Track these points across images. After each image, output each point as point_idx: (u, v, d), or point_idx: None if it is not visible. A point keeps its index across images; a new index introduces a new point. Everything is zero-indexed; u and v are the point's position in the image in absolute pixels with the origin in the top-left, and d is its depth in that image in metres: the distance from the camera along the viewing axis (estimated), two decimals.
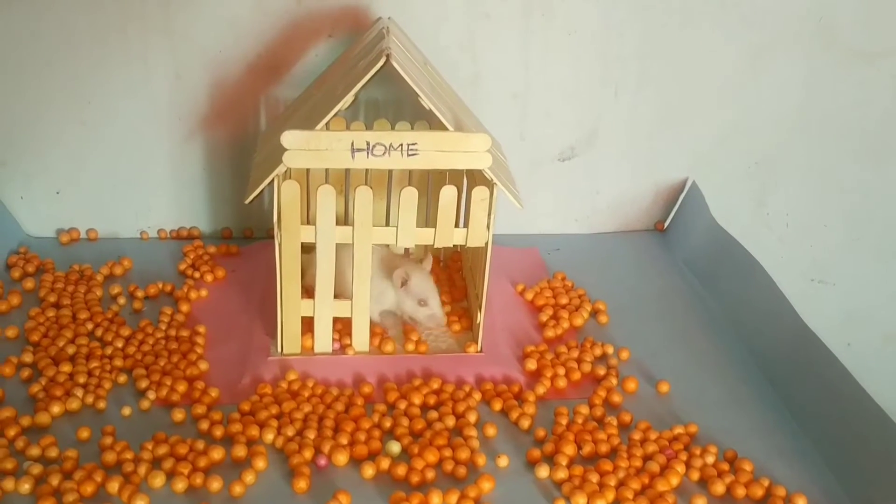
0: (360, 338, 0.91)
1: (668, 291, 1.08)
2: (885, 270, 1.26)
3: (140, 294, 1.01)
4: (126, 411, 0.85)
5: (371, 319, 0.91)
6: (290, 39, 1.06)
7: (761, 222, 1.22)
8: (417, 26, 1.03)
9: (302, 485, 0.77)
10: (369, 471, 0.78)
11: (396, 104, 1.06)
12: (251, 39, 1.06)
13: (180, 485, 0.76)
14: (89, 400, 0.85)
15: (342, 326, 0.92)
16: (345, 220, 1.01)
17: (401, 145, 0.81)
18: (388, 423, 0.84)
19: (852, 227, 1.24)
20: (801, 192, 1.21)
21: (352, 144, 0.81)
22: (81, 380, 0.87)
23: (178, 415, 0.84)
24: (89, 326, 0.95)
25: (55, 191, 1.11)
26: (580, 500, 0.76)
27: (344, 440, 0.81)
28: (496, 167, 0.85)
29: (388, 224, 0.99)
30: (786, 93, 1.15)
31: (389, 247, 0.95)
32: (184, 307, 0.99)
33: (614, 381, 0.91)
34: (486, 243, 0.87)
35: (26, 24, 1.03)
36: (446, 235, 0.87)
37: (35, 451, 0.79)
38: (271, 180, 0.83)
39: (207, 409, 0.85)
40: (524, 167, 1.12)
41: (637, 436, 0.84)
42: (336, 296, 0.89)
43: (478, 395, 0.88)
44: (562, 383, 0.91)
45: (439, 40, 1.07)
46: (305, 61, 1.07)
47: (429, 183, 1.03)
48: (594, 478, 0.78)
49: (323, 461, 0.79)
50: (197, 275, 1.05)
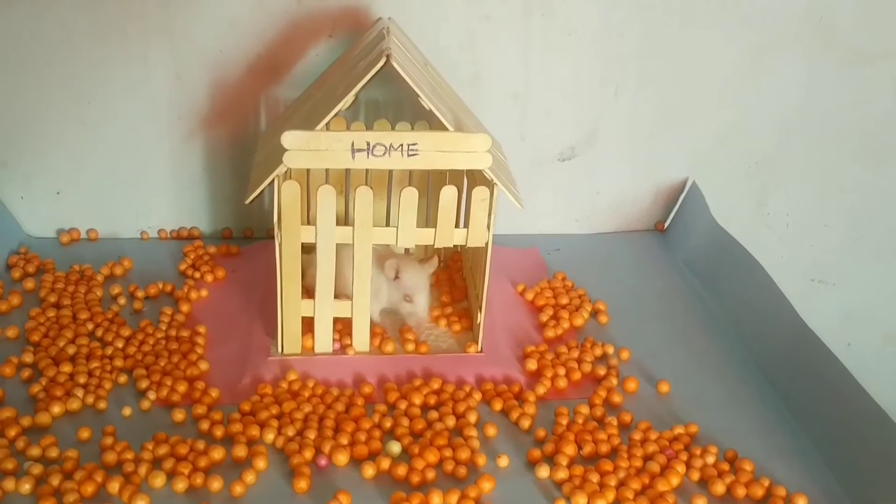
0: (361, 338, 0.91)
1: (668, 291, 1.08)
2: (885, 270, 1.26)
3: (140, 294, 1.01)
4: (126, 411, 0.85)
5: (371, 319, 0.92)
6: (291, 39, 1.06)
7: (761, 222, 1.22)
8: (417, 26, 1.03)
9: (302, 485, 0.77)
10: (370, 471, 0.79)
11: (397, 104, 1.06)
12: (251, 39, 1.06)
13: (181, 485, 0.76)
14: (90, 400, 0.85)
15: (342, 326, 0.92)
16: (345, 220, 1.01)
17: (401, 145, 0.81)
18: (388, 424, 0.84)
19: (852, 227, 1.24)
20: (801, 192, 1.21)
21: (352, 145, 0.81)
22: (82, 380, 0.87)
23: (179, 415, 0.84)
24: (90, 326, 0.95)
25: (55, 191, 1.11)
26: (580, 500, 0.76)
27: (344, 440, 0.81)
28: (496, 167, 0.84)
29: (388, 224, 0.99)
30: (786, 93, 1.15)
31: (390, 247, 0.95)
32: (184, 307, 0.99)
33: (614, 381, 0.91)
34: (487, 243, 0.87)
35: (26, 24, 1.03)
36: (446, 235, 0.87)
37: (35, 452, 0.79)
38: (271, 180, 0.83)
39: (208, 410, 0.85)
40: (524, 167, 1.12)
41: (637, 436, 0.84)
42: (336, 296, 0.89)
43: (478, 396, 0.88)
44: (562, 383, 0.91)
45: (439, 40, 1.07)
46: (305, 61, 1.07)
47: (429, 183, 1.03)
48: (594, 478, 0.78)
49: (323, 461, 0.79)
50: (197, 275, 1.05)
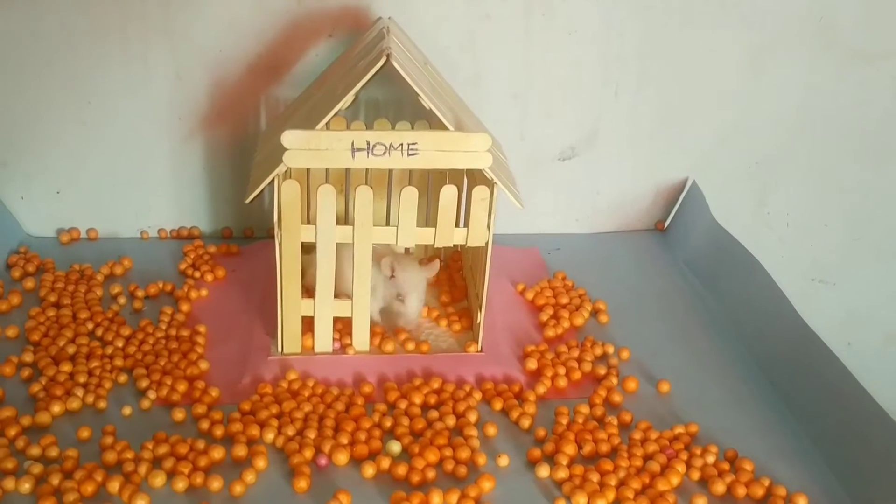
0: (361, 337, 0.91)
1: (668, 291, 1.08)
2: (885, 270, 1.26)
3: (140, 294, 1.01)
4: (126, 411, 0.84)
5: (371, 319, 0.92)
6: (291, 39, 1.06)
7: (762, 222, 1.22)
8: (418, 26, 1.03)
9: (302, 484, 0.77)
10: (370, 470, 0.78)
11: (397, 104, 1.06)
12: (251, 39, 1.06)
13: (181, 484, 0.76)
14: (90, 399, 0.85)
15: (342, 326, 0.92)
16: (345, 219, 1.01)
17: (401, 145, 0.81)
18: (388, 423, 0.84)
19: (852, 227, 1.24)
20: (801, 192, 1.21)
21: (352, 144, 0.81)
22: (82, 379, 0.87)
23: (179, 414, 0.84)
24: (90, 326, 0.95)
25: (55, 190, 1.11)
26: (581, 499, 0.76)
27: (344, 440, 0.81)
28: (496, 167, 0.84)
29: (388, 223, 0.99)
30: (786, 93, 1.15)
31: (390, 246, 0.95)
32: (184, 307, 0.99)
33: (615, 380, 0.91)
34: (487, 243, 0.87)
35: (26, 24, 1.03)
36: (446, 235, 0.87)
37: (35, 451, 0.79)
38: (271, 180, 0.83)
39: (208, 409, 0.85)
40: (524, 167, 1.12)
41: (637, 435, 0.84)
42: (336, 295, 0.89)
43: (478, 395, 0.88)
44: (562, 383, 0.91)
45: (440, 40, 1.07)
46: (305, 61, 1.07)
47: (429, 183, 1.03)
48: (595, 477, 0.78)
49: (323, 461, 0.79)
50: (197, 274, 1.05)
